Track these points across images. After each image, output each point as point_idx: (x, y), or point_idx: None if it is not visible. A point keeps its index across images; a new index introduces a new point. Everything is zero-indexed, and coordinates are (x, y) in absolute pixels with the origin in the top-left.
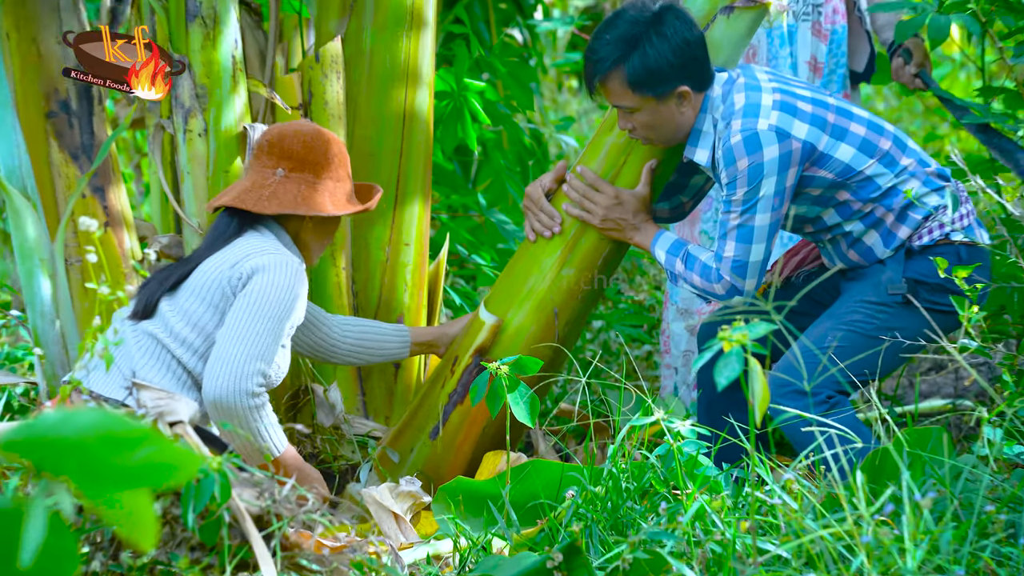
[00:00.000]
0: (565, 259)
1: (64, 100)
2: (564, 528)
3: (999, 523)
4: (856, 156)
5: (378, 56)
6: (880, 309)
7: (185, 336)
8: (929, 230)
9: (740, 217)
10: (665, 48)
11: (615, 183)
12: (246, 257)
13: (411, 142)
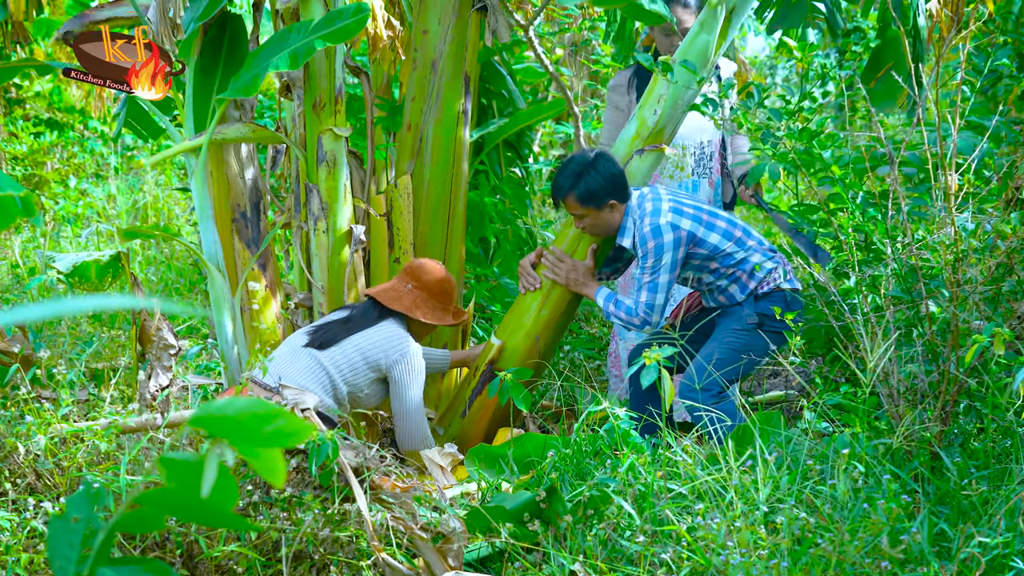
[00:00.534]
0: (543, 304)
1: (243, 211)
2: (546, 476)
3: (815, 471)
4: (720, 240)
5: (432, 183)
6: (742, 333)
7: (344, 372)
8: (767, 283)
9: (650, 277)
10: (600, 179)
11: (573, 256)
12: (395, 346)
13: (452, 234)
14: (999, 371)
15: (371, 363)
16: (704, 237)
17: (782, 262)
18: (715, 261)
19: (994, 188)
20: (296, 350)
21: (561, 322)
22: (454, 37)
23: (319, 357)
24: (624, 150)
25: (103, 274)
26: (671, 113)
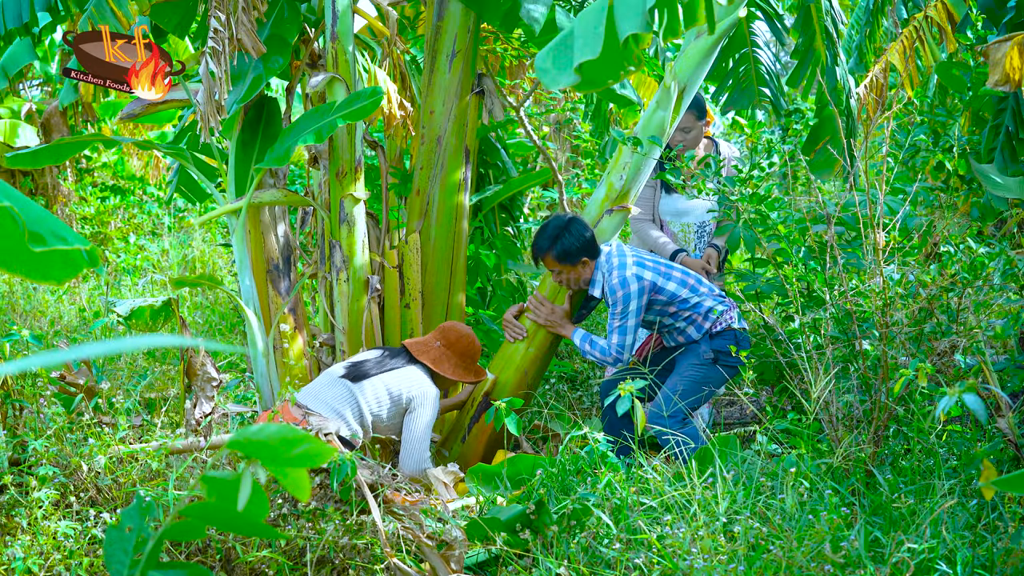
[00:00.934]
0: (529, 344)
1: (276, 263)
2: (535, 492)
3: (767, 487)
4: (677, 287)
5: (437, 239)
6: (700, 367)
7: (370, 402)
8: (720, 323)
9: (619, 321)
10: (574, 240)
11: (553, 302)
12: (417, 385)
13: (454, 284)
14: (923, 400)
15: (394, 397)
16: (663, 285)
17: (731, 306)
18: (674, 305)
19: (916, 244)
20: (334, 380)
21: (546, 358)
22: (456, 116)
23: (351, 388)
24: (595, 210)
25: (156, 317)
26: (634, 177)
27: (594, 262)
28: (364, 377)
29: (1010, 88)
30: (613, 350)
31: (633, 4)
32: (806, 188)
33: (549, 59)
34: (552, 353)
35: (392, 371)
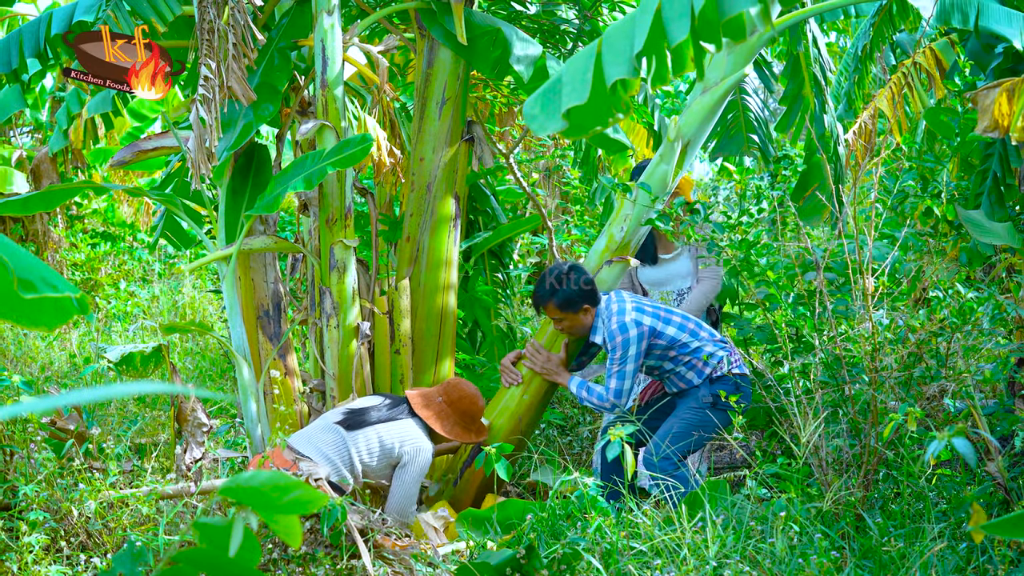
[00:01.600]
0: (525, 391)
1: (266, 310)
2: (525, 536)
3: (757, 531)
4: (677, 332)
5: (427, 286)
6: (699, 411)
7: (362, 452)
8: (720, 368)
9: (618, 367)
10: (575, 288)
11: (550, 350)
12: (410, 441)
13: (445, 328)
14: (912, 444)
15: (386, 449)
16: (663, 330)
17: (732, 350)
18: (673, 350)
19: (905, 289)
20: (328, 425)
21: (541, 405)
22: (446, 163)
23: (345, 435)
24: (595, 260)
25: (147, 363)
26: (634, 229)
27: (595, 309)
28: (360, 426)
29: (998, 134)
30: (611, 395)
31: (621, 50)
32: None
33: (537, 105)
34: (547, 400)
35: (389, 422)
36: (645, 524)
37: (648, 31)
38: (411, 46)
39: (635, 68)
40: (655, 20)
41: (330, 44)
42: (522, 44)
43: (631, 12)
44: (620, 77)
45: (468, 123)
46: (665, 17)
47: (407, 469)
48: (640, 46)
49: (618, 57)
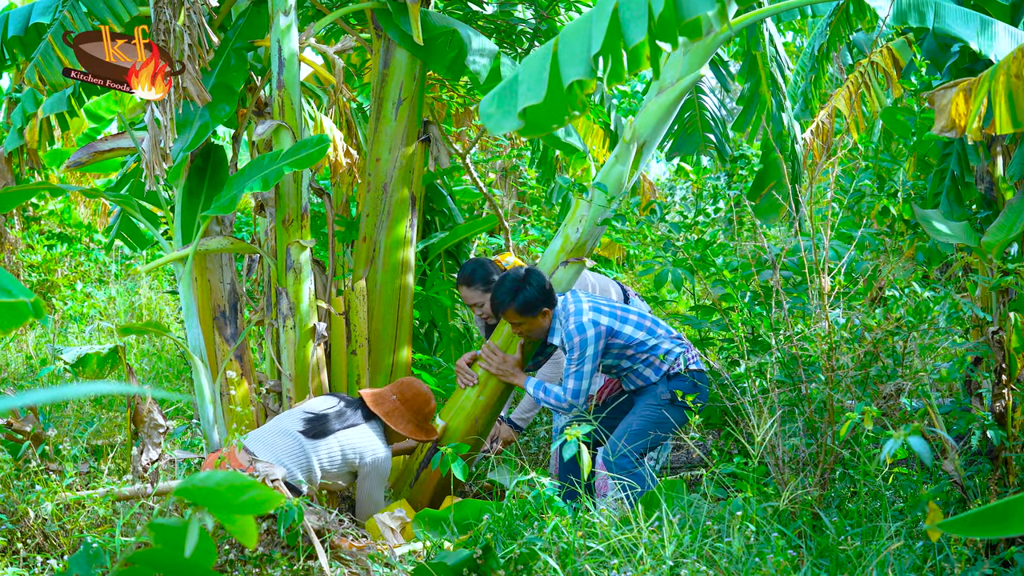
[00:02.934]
0: (480, 392)
1: (223, 311)
2: (482, 536)
3: (713, 530)
4: (634, 330)
5: (383, 286)
6: (656, 408)
7: (323, 461)
8: (677, 365)
9: (576, 367)
10: (533, 292)
11: (506, 351)
12: (370, 451)
13: (401, 328)
14: (869, 443)
15: (348, 460)
16: (620, 329)
17: (688, 347)
18: (631, 349)
19: (861, 288)
20: (288, 431)
21: (496, 406)
22: (402, 164)
23: (305, 444)
24: (551, 261)
25: (103, 364)
26: (591, 230)
27: (552, 310)
28: (323, 435)
29: (956, 134)
30: (568, 395)
31: (578, 50)
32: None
33: (494, 104)
34: (503, 402)
35: (348, 429)
36: (602, 524)
37: (605, 32)
38: (367, 47)
39: (592, 68)
40: (612, 21)
41: (286, 45)
42: (478, 44)
43: (587, 12)
44: (577, 78)
45: (424, 123)
46: (623, 18)
47: (369, 479)
48: (597, 47)
49: (575, 57)
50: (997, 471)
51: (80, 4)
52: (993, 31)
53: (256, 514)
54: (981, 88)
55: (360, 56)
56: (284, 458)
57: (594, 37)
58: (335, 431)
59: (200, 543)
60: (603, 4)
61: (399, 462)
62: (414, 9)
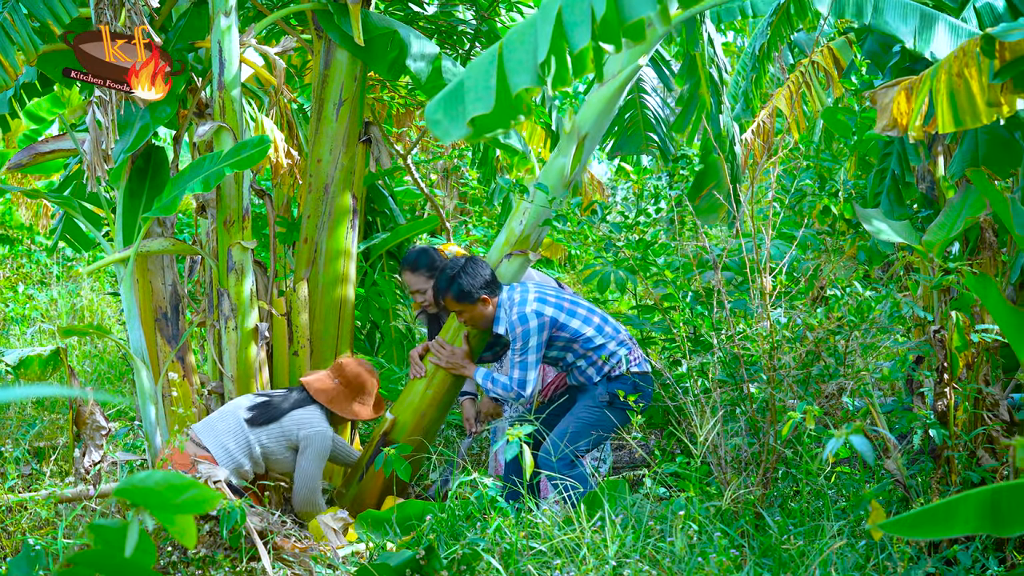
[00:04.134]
0: (428, 385)
1: (164, 312)
2: (425, 537)
3: (656, 530)
4: (581, 325)
5: (325, 287)
6: (596, 409)
7: (263, 441)
8: (619, 366)
9: (520, 357)
10: (470, 279)
11: (454, 344)
12: (309, 426)
13: (343, 329)
14: (811, 442)
15: (287, 434)
16: (566, 322)
17: (633, 348)
18: (577, 343)
19: (802, 288)
20: (234, 417)
21: (445, 401)
22: (343, 165)
23: (247, 431)
24: (495, 255)
25: (45, 366)
26: (534, 223)
27: (495, 300)
28: (269, 422)
29: (897, 132)
30: (515, 385)
31: (524, 58)
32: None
33: (440, 110)
34: (452, 397)
35: (290, 413)
36: (545, 524)
37: (550, 37)
38: (308, 48)
39: (539, 76)
40: (556, 25)
41: (227, 46)
42: (419, 45)
43: (531, 15)
44: (525, 86)
45: (366, 124)
46: (566, 23)
47: (307, 454)
48: (544, 53)
49: (522, 65)
50: (939, 470)
51: (20, 5)
52: (934, 28)
53: (196, 513)
54: (923, 87)
55: (301, 57)
56: (225, 439)
57: (540, 44)
58: (279, 417)
59: (140, 543)
60: (546, 7)
61: (341, 471)
62: (355, 10)
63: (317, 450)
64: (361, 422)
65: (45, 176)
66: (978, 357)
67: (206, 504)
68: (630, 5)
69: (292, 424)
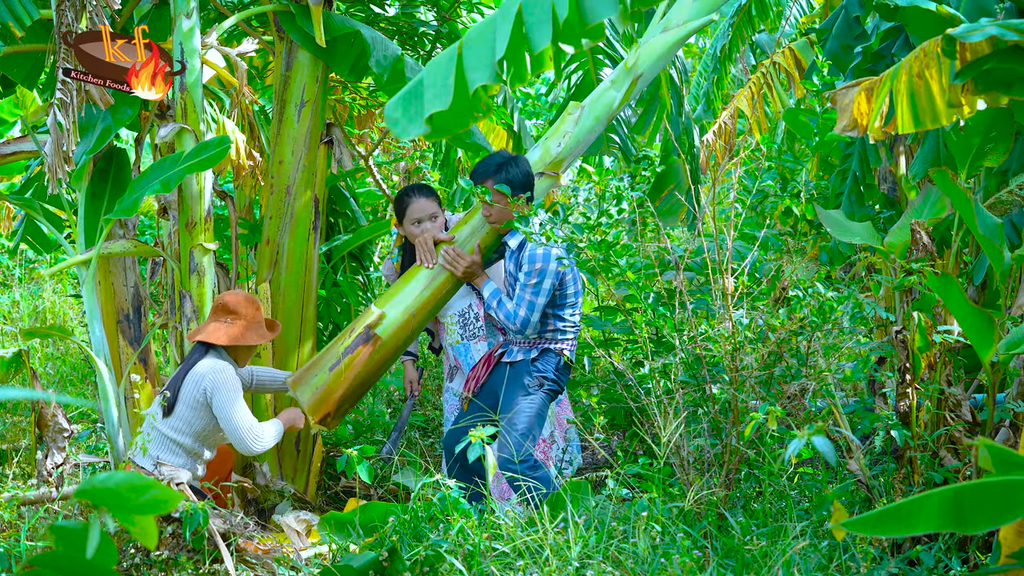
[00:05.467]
0: (427, 287)
1: (127, 314)
2: (388, 539)
3: (619, 531)
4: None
5: (287, 289)
6: (530, 399)
7: (181, 427)
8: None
9: (530, 295)
10: (519, 173)
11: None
12: (202, 377)
13: (305, 330)
14: (774, 443)
15: (194, 400)
16: (566, 289)
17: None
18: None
19: (764, 288)
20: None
21: (435, 307)
22: (305, 166)
23: (160, 426)
24: None
25: (7, 368)
26: (572, 149)
27: (529, 202)
28: (171, 408)
29: (858, 133)
30: (519, 321)
31: (482, 55)
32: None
33: (399, 109)
34: (441, 306)
35: (185, 380)
36: (507, 525)
37: (509, 36)
38: (270, 49)
39: (497, 73)
40: (516, 25)
41: (189, 47)
42: (381, 46)
43: (490, 15)
44: (483, 83)
45: (327, 125)
46: (527, 23)
47: (216, 401)
48: (502, 52)
49: (480, 62)
50: (902, 470)
51: None
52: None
53: (156, 514)
54: (883, 88)
55: (263, 58)
56: (161, 455)
57: (498, 42)
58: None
59: (101, 545)
60: (506, 7)
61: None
62: (316, 11)
63: (223, 390)
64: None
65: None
66: (940, 357)
67: (167, 505)
68: (592, 8)
69: (191, 388)
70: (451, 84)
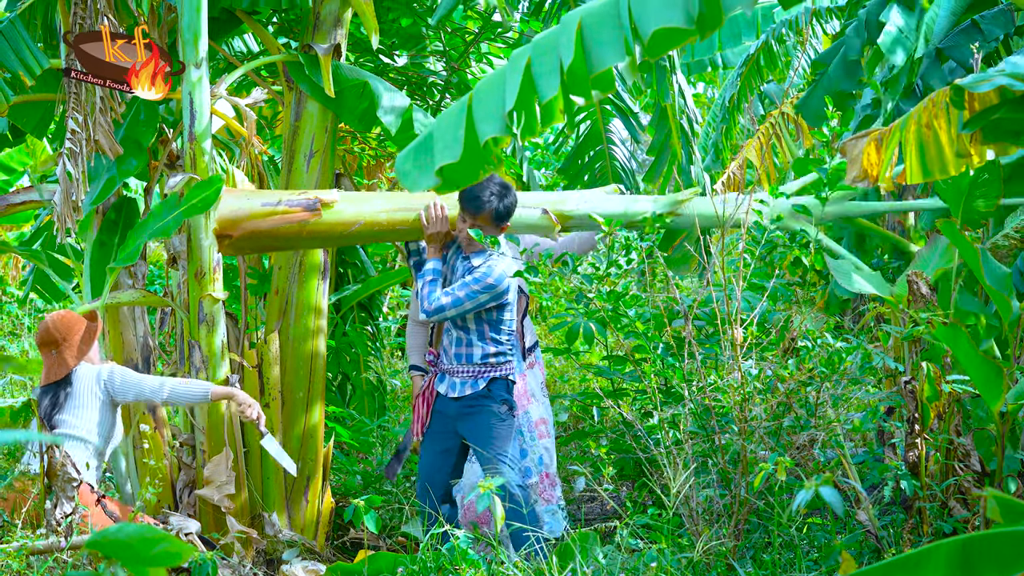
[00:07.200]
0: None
1: (136, 363)
2: None
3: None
4: (508, 320)
5: (296, 339)
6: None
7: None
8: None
9: (461, 292)
10: (500, 206)
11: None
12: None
13: (314, 380)
14: (783, 493)
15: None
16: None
17: (516, 356)
18: (491, 340)
19: (773, 339)
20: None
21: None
22: None
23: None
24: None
25: (17, 418)
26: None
27: (501, 230)
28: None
29: (868, 183)
30: (433, 306)
31: (492, 107)
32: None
33: (409, 161)
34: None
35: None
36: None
37: (519, 87)
38: (279, 99)
39: (507, 125)
40: (525, 77)
41: (198, 97)
42: (389, 96)
43: (500, 67)
44: (493, 135)
45: (336, 175)
46: (535, 73)
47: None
48: (511, 103)
49: (490, 115)
50: (911, 520)
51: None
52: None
53: (168, 566)
54: (892, 138)
55: (272, 108)
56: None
57: (508, 93)
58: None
59: None
60: (516, 59)
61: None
62: (325, 62)
63: (125, 374)
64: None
65: (17, 227)
66: (949, 407)
67: (178, 557)
68: (598, 56)
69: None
70: (461, 137)
